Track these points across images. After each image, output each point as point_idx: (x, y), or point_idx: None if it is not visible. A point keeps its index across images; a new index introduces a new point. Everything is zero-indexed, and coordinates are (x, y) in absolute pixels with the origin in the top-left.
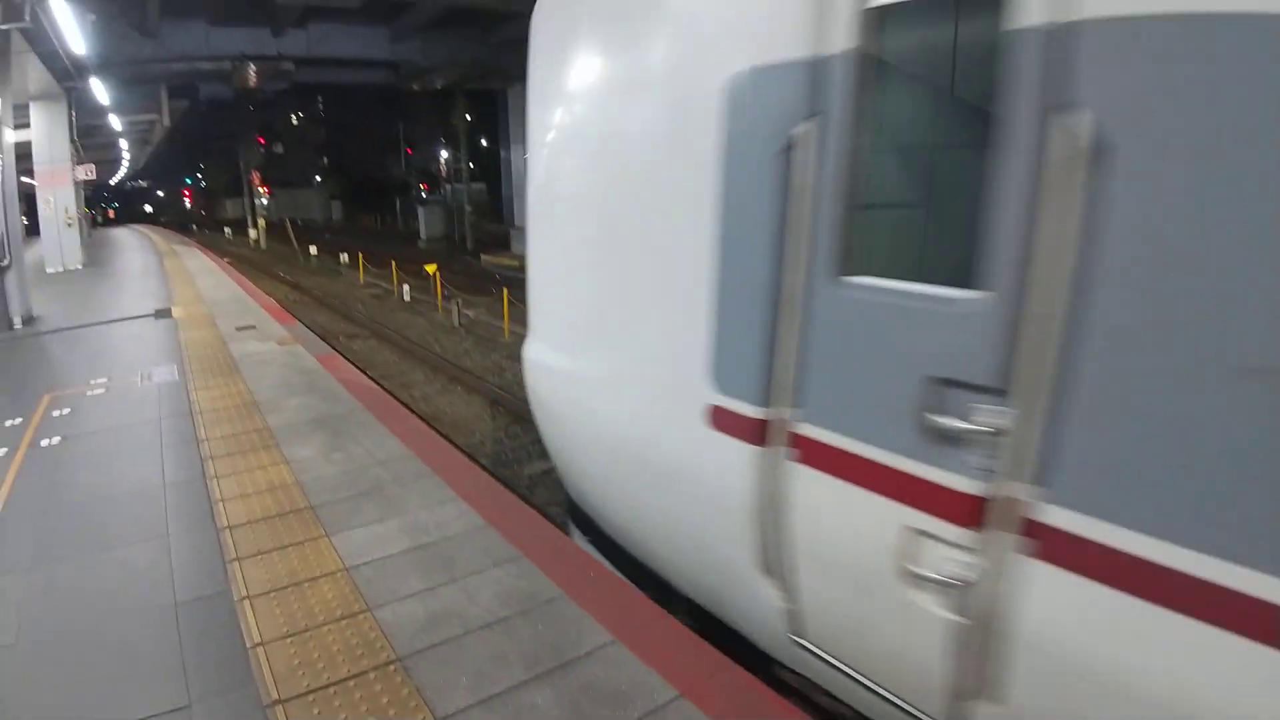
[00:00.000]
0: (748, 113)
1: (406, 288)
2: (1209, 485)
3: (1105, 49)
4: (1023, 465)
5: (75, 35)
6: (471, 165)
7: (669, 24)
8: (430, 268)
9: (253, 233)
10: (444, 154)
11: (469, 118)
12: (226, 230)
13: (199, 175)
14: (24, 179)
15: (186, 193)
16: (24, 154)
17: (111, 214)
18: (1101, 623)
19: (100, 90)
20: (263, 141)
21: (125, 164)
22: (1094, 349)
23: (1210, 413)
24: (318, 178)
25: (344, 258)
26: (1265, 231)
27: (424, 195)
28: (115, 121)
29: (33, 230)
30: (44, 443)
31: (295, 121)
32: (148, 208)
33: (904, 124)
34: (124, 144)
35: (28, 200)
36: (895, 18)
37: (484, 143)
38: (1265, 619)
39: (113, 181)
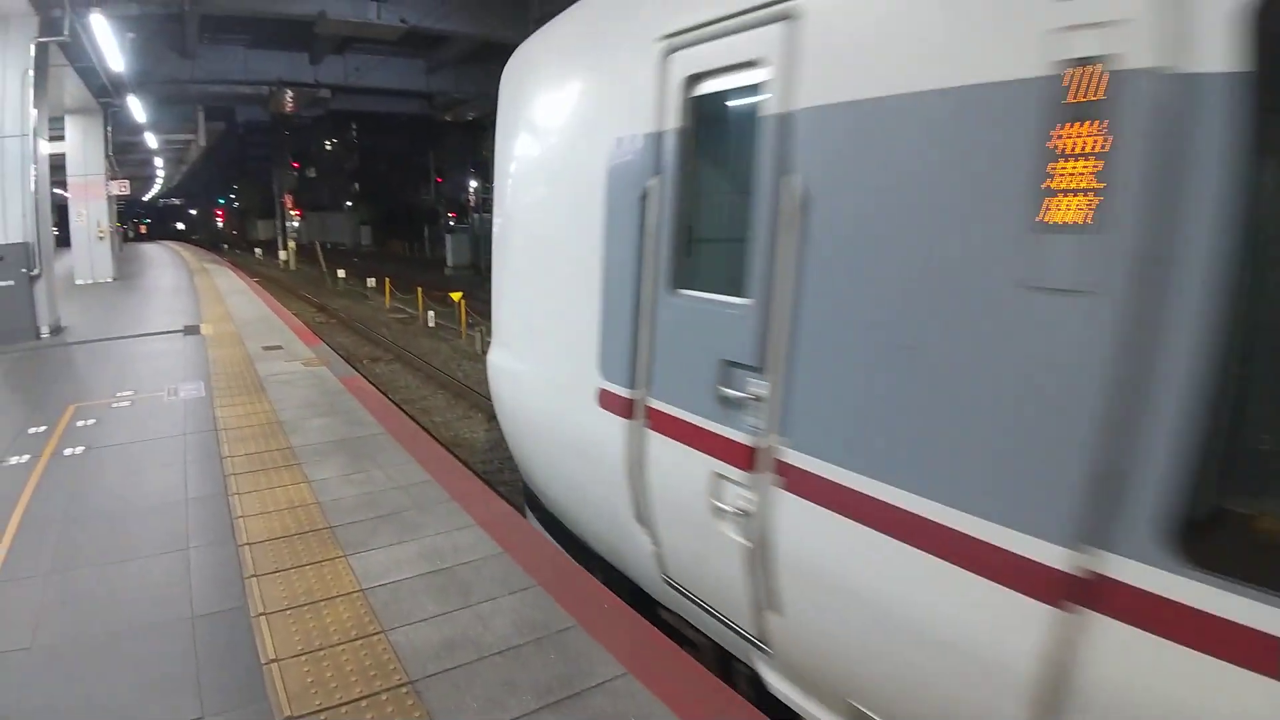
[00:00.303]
0: (620, 170)
1: (431, 314)
2: (884, 432)
3: (806, 131)
4: (774, 421)
5: (114, 53)
6: None
7: (576, 97)
8: (455, 295)
9: (283, 254)
10: (473, 184)
11: None
12: (257, 251)
13: (232, 196)
14: (56, 190)
15: (219, 212)
16: (57, 165)
17: (144, 229)
18: (829, 539)
19: (137, 108)
20: (296, 165)
21: (159, 181)
22: (807, 338)
23: (879, 380)
24: (348, 203)
25: (371, 282)
26: (904, 253)
27: (452, 224)
28: (151, 139)
29: (64, 241)
30: (67, 452)
31: (329, 147)
32: (180, 225)
33: (713, 180)
34: (159, 162)
35: (59, 211)
36: (707, 105)
37: None
38: (926, 530)
39: (146, 198)
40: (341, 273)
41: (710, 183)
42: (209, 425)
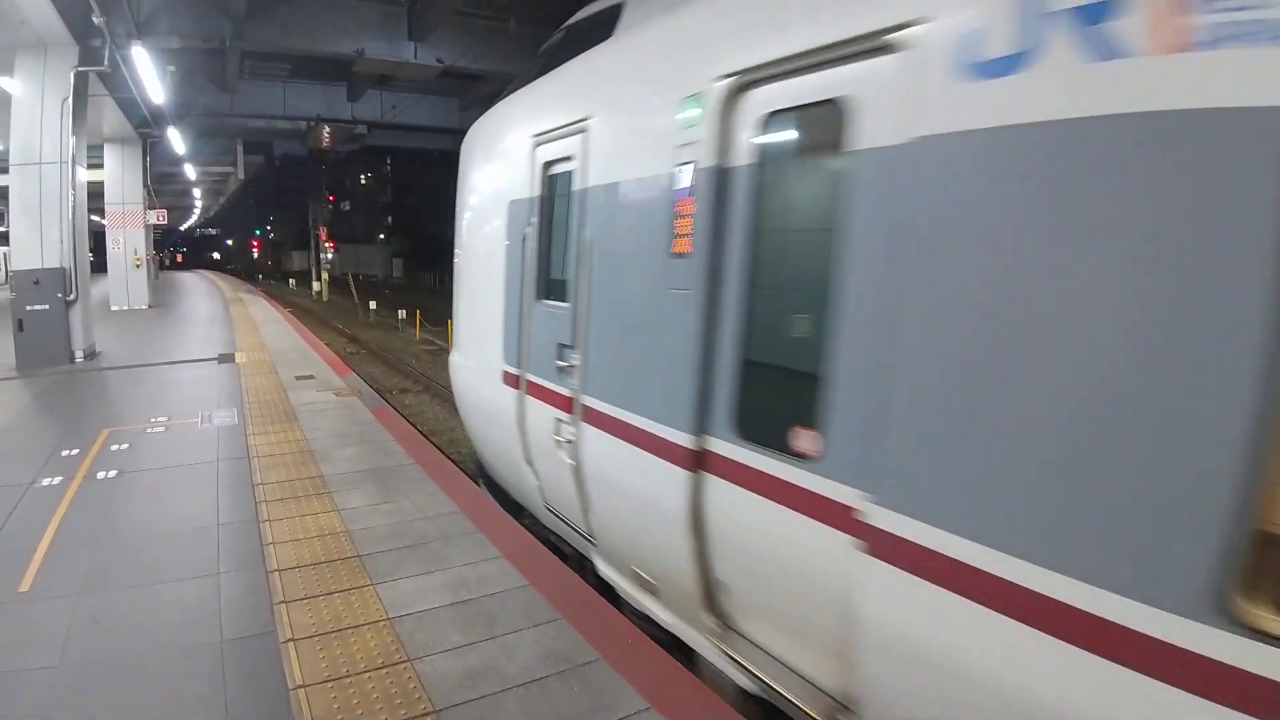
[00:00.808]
0: (512, 221)
1: None
2: (627, 378)
3: (590, 200)
4: (582, 380)
5: (155, 85)
6: None
7: (492, 170)
8: None
9: (316, 285)
10: None
11: None
12: (291, 281)
13: (268, 227)
14: (94, 218)
15: (255, 243)
16: (96, 193)
17: (180, 258)
18: (609, 456)
19: (177, 140)
20: (332, 199)
21: (197, 211)
22: (594, 327)
23: (621, 348)
24: (381, 235)
25: (401, 314)
26: (628, 274)
27: None
28: (190, 171)
29: (100, 268)
30: (100, 475)
31: (363, 181)
32: (215, 255)
33: (555, 230)
34: (197, 192)
35: (96, 238)
36: (554, 181)
37: None
38: (639, 435)
39: (183, 227)
40: (373, 304)
41: (554, 231)
42: (242, 452)
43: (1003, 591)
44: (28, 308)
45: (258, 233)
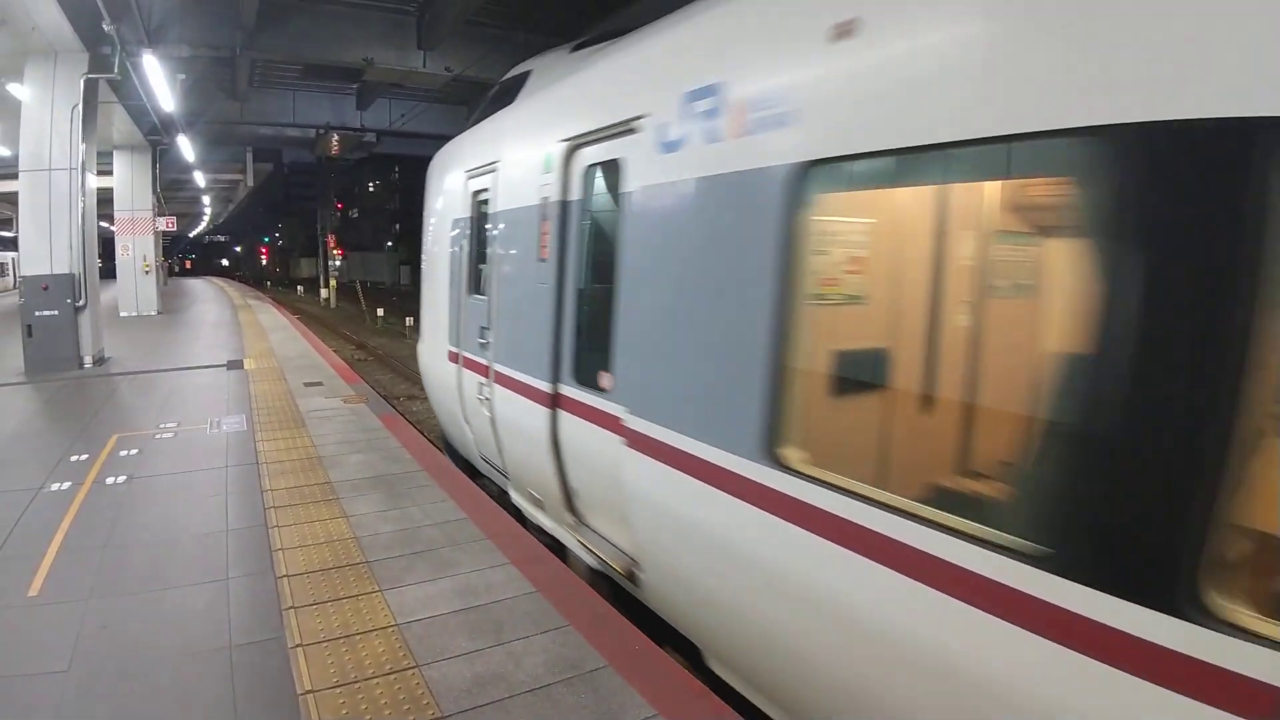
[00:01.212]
0: (456, 234)
1: None
2: (514, 348)
3: (497, 222)
4: (494, 352)
5: (165, 93)
6: None
7: (443, 193)
8: None
9: (324, 292)
10: None
11: None
12: (299, 288)
13: (277, 234)
14: (102, 224)
15: (263, 250)
16: (105, 199)
17: (189, 264)
18: (509, 405)
19: (186, 147)
20: (340, 206)
21: (206, 218)
22: (497, 312)
23: (512, 326)
24: (389, 243)
25: (409, 321)
26: (517, 276)
27: None
28: (199, 178)
29: (108, 274)
30: (109, 480)
31: (372, 188)
32: (224, 261)
33: (481, 242)
34: (206, 199)
35: (104, 244)
36: (481, 206)
37: None
38: (522, 387)
39: (192, 234)
40: (381, 311)
41: (479, 243)
42: (250, 458)
43: (688, 459)
44: (37, 313)
45: (266, 240)
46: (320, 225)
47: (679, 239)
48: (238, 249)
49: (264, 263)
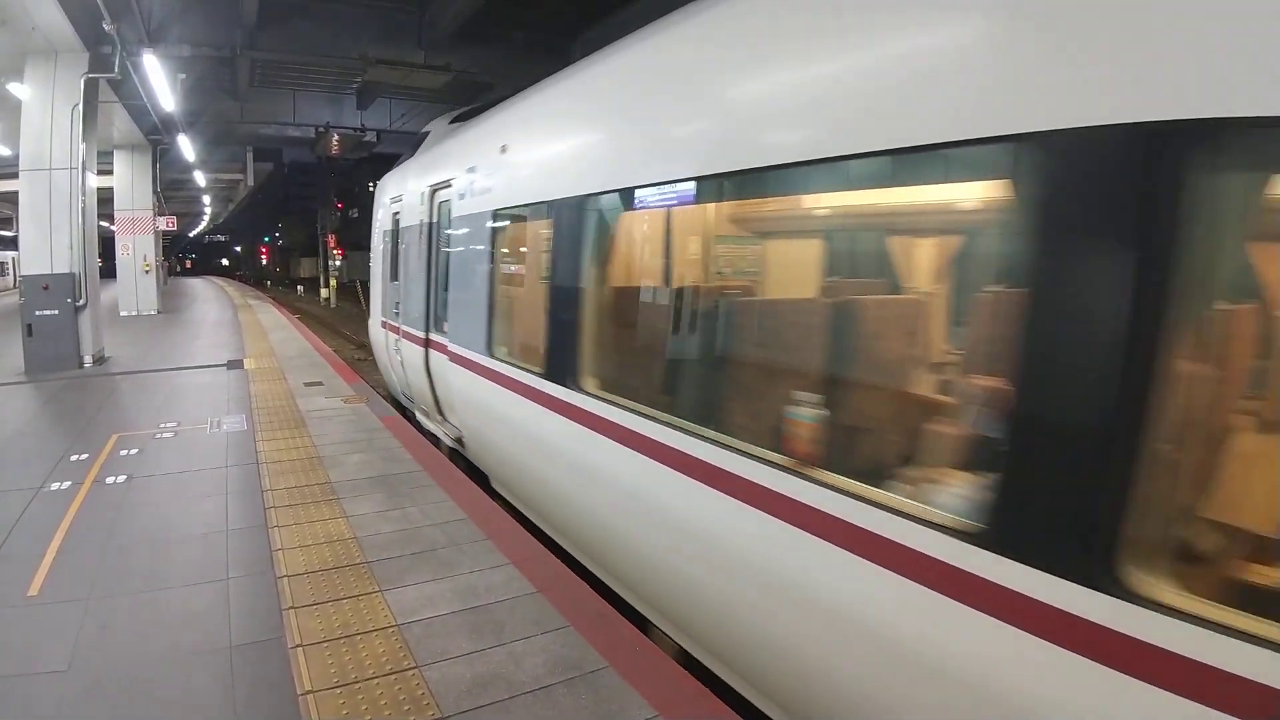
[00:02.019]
0: (383, 240)
1: None
2: (413, 313)
3: (402, 233)
4: (402, 319)
5: (165, 93)
6: None
7: (380, 212)
8: None
9: (324, 292)
10: None
11: None
12: (299, 288)
13: (277, 234)
14: (103, 224)
15: (264, 250)
16: (105, 199)
17: (189, 264)
18: (407, 351)
19: (187, 147)
20: (340, 206)
21: (206, 217)
22: (403, 292)
23: (412, 300)
24: None
25: None
26: (412, 263)
27: None
28: (199, 178)
29: (109, 273)
30: (109, 480)
31: (372, 188)
32: (224, 261)
33: (395, 247)
34: (206, 199)
35: (105, 244)
36: (398, 220)
37: None
38: (424, 341)
39: (192, 233)
40: None
41: (395, 247)
42: (251, 458)
43: (465, 360)
44: (37, 313)
45: (266, 239)
46: (320, 225)
47: (464, 244)
48: (238, 249)
49: (264, 262)
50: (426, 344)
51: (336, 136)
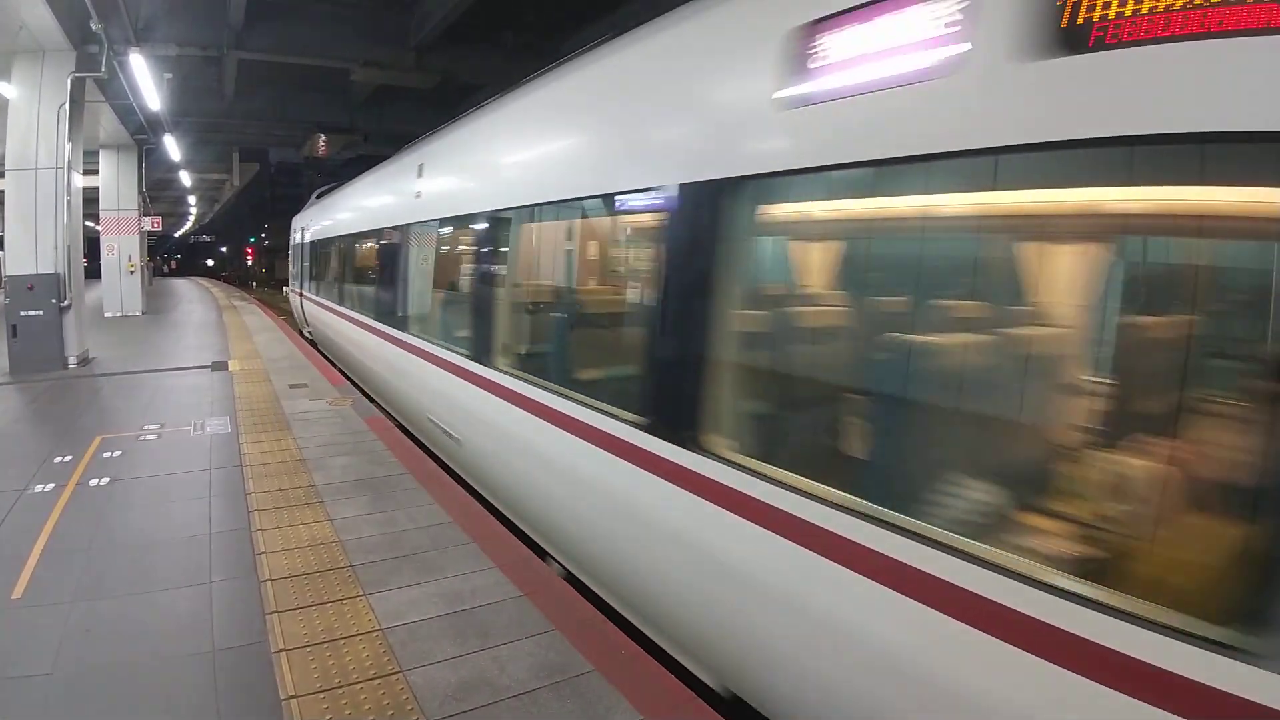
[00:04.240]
0: (293, 248)
1: None
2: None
3: (307, 246)
4: (301, 287)
5: (152, 92)
6: None
7: (294, 233)
8: None
9: None
10: None
11: None
12: (285, 289)
13: (263, 234)
14: (88, 224)
15: (249, 250)
16: (90, 199)
17: (174, 265)
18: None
19: (173, 146)
20: None
21: (191, 218)
22: (297, 271)
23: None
24: None
25: None
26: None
27: None
28: (185, 178)
29: (93, 274)
30: (93, 482)
31: None
32: (210, 262)
33: (299, 253)
34: (192, 199)
35: (90, 244)
36: (305, 235)
37: None
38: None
39: (178, 234)
40: None
41: (301, 253)
42: (234, 461)
43: (310, 297)
44: (21, 313)
45: (252, 240)
46: None
47: (311, 252)
48: (223, 249)
49: (250, 263)
50: (301, 295)
51: (324, 137)
